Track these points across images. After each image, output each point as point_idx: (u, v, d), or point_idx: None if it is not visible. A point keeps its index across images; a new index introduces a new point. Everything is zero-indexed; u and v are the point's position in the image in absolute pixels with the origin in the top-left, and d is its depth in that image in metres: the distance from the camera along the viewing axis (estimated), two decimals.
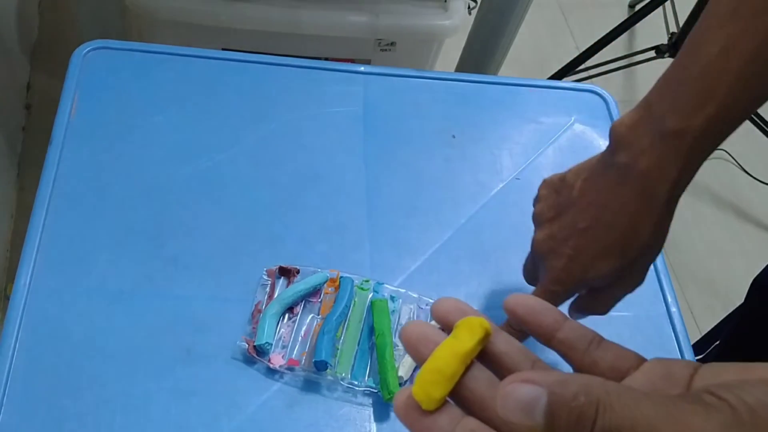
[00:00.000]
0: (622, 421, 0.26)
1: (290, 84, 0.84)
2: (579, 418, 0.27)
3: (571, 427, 0.27)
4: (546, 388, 0.27)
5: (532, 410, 0.27)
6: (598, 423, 0.26)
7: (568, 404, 0.27)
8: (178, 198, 0.73)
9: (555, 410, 0.27)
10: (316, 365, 0.63)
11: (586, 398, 0.27)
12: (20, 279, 0.65)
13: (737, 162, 1.88)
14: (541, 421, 0.27)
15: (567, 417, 0.27)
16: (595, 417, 0.26)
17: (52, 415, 0.59)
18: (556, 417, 0.27)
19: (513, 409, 0.28)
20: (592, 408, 0.27)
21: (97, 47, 0.83)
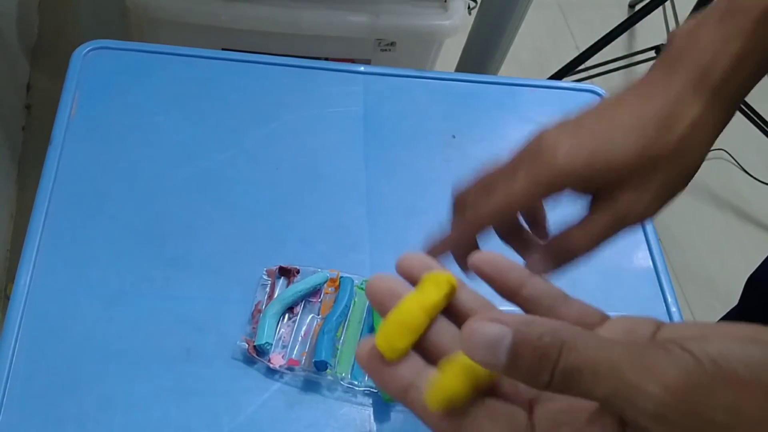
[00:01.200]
0: (584, 362, 0.26)
1: (290, 84, 0.84)
2: (542, 358, 0.27)
3: (533, 367, 0.27)
4: (512, 327, 0.27)
5: (495, 348, 0.27)
6: (560, 363, 0.26)
7: (532, 343, 0.27)
8: (178, 198, 0.73)
9: (519, 349, 0.27)
10: (316, 365, 0.63)
11: (551, 339, 0.27)
12: (20, 279, 0.65)
13: (737, 162, 1.89)
14: (503, 360, 0.27)
15: (530, 356, 0.27)
16: (558, 357, 0.26)
17: (52, 415, 0.59)
18: (519, 356, 0.27)
19: (476, 347, 0.28)
20: (556, 349, 0.27)
21: (97, 47, 0.83)
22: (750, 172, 1.86)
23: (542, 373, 0.27)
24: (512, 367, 0.27)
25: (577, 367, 0.26)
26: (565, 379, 0.26)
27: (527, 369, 0.27)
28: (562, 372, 0.26)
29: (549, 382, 0.27)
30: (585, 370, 0.26)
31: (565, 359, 0.26)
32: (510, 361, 0.27)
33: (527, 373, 0.27)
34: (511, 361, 0.27)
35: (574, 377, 0.26)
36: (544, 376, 0.27)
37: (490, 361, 0.27)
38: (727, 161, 1.90)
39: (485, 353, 0.27)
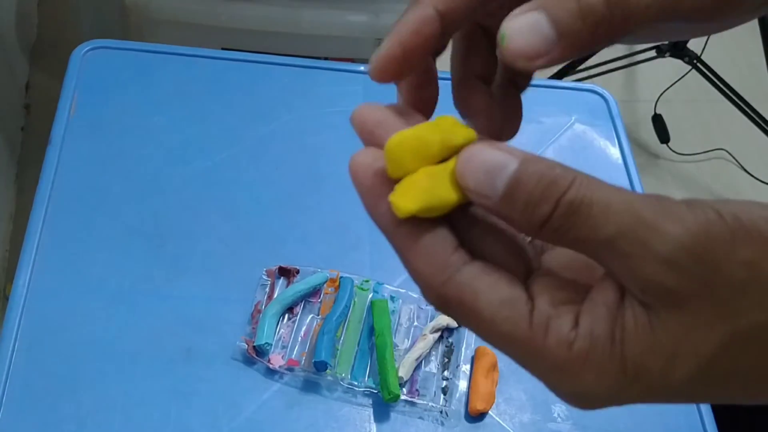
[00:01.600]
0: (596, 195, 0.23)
1: (290, 84, 0.84)
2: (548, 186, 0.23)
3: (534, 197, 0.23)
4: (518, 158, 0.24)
5: (494, 175, 0.24)
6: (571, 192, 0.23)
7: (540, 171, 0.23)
8: (178, 198, 0.73)
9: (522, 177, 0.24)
10: (315, 365, 0.63)
11: (562, 170, 0.24)
12: (20, 279, 0.65)
13: (737, 162, 1.88)
14: (500, 190, 0.24)
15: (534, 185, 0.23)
16: (567, 188, 0.23)
17: (52, 415, 0.59)
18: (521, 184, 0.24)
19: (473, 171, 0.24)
20: (567, 180, 0.23)
21: (97, 47, 0.83)
22: (750, 172, 1.86)
23: (544, 203, 0.23)
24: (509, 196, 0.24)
25: (588, 199, 0.23)
26: (569, 212, 0.23)
27: (526, 198, 0.23)
28: (568, 203, 0.23)
29: (549, 216, 0.23)
30: (596, 204, 0.23)
31: (576, 190, 0.23)
32: (508, 190, 0.24)
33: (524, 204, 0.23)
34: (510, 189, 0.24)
35: (581, 210, 0.23)
36: (545, 207, 0.23)
37: (484, 189, 0.24)
38: (727, 161, 1.90)
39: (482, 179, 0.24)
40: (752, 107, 1.71)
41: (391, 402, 0.62)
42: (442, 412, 0.63)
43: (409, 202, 0.26)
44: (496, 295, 0.25)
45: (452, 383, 0.64)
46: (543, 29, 0.25)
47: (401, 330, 0.67)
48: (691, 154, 1.88)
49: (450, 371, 0.65)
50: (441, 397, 0.64)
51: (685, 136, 1.91)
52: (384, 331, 0.64)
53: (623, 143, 0.84)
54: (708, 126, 1.97)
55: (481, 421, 0.63)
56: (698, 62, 1.69)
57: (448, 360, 0.66)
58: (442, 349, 0.66)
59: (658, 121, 1.87)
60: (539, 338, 0.24)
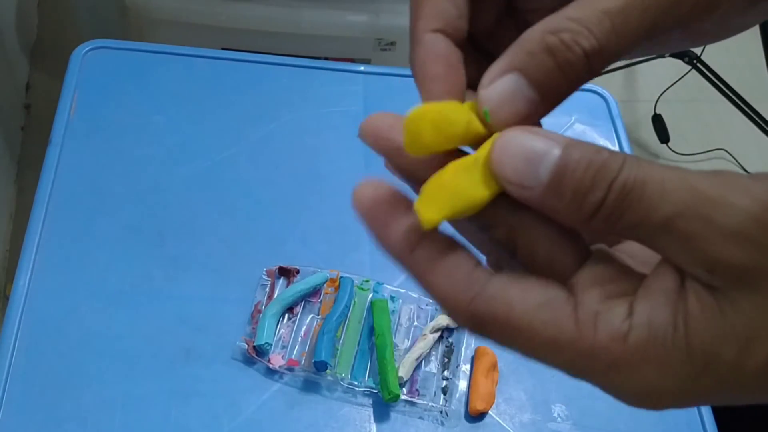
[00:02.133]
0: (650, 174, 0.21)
1: (290, 84, 0.84)
2: (599, 170, 0.21)
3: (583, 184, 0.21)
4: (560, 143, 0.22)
5: (536, 163, 0.22)
6: (623, 174, 0.21)
7: (587, 156, 0.21)
8: (178, 198, 0.73)
9: (570, 162, 0.21)
10: (315, 365, 0.63)
11: (611, 153, 0.21)
12: (20, 279, 0.65)
13: (737, 162, 1.88)
14: (545, 177, 0.22)
15: (583, 170, 0.21)
16: (619, 171, 0.21)
17: (52, 415, 0.59)
18: (568, 171, 0.21)
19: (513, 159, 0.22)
20: (617, 162, 0.21)
21: (97, 47, 0.83)
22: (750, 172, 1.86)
23: (596, 189, 0.21)
24: (555, 185, 0.21)
25: (641, 179, 0.21)
26: (623, 194, 0.21)
27: (576, 186, 0.21)
28: (621, 186, 0.21)
29: (601, 201, 0.21)
30: (650, 183, 0.21)
31: (628, 171, 0.21)
32: (554, 178, 0.21)
33: (574, 192, 0.21)
34: (556, 177, 0.21)
35: (634, 192, 0.21)
36: (597, 192, 0.21)
37: (526, 179, 0.22)
38: (727, 161, 1.90)
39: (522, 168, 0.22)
40: (752, 107, 1.71)
41: (391, 402, 0.62)
42: (442, 412, 0.63)
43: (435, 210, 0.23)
44: (531, 299, 0.23)
45: (452, 383, 0.65)
46: (524, 94, 0.23)
47: (401, 330, 0.67)
48: (691, 154, 1.88)
49: (450, 371, 0.65)
50: (441, 397, 0.64)
51: (685, 136, 1.91)
52: (384, 331, 0.64)
53: (623, 143, 0.84)
54: (708, 126, 1.97)
55: (481, 421, 0.63)
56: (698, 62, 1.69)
57: (448, 360, 0.66)
58: (442, 349, 0.66)
59: (658, 121, 1.88)
60: (588, 336, 0.22)
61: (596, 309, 0.22)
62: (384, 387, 0.62)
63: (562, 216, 0.22)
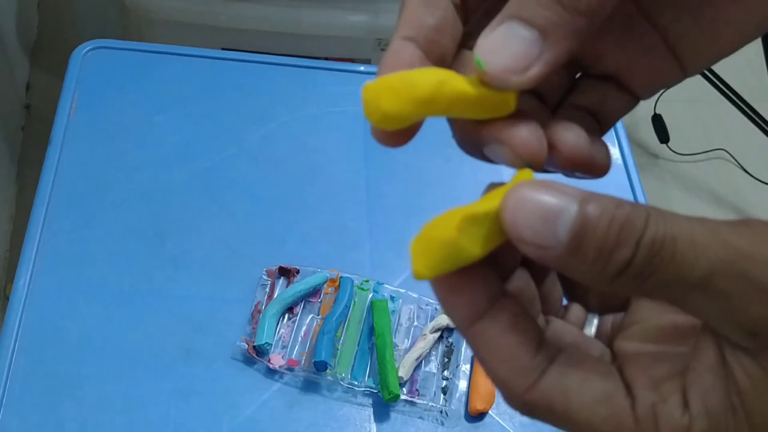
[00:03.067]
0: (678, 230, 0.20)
1: (290, 84, 0.84)
2: (624, 227, 0.20)
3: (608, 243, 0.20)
4: (577, 198, 0.20)
5: (554, 222, 0.20)
6: (651, 230, 0.20)
7: (609, 211, 0.20)
8: (178, 198, 0.73)
9: (590, 220, 0.20)
10: (315, 365, 0.63)
11: (632, 207, 0.20)
12: (20, 279, 0.65)
13: (737, 162, 1.88)
14: (564, 237, 0.20)
15: (606, 227, 0.20)
16: (647, 224, 0.20)
17: (52, 415, 0.59)
18: (589, 230, 0.20)
19: (528, 218, 0.20)
20: (641, 217, 0.20)
21: (97, 47, 0.83)
22: (750, 172, 1.86)
23: (622, 247, 0.19)
24: (576, 245, 0.20)
25: (671, 235, 0.19)
26: (654, 252, 0.19)
27: (599, 245, 0.20)
28: (651, 242, 0.19)
29: (629, 260, 0.20)
30: (680, 239, 0.19)
31: (656, 227, 0.20)
32: (575, 237, 0.20)
33: (597, 252, 0.20)
34: (577, 236, 0.20)
35: (664, 249, 0.19)
36: (624, 250, 0.19)
37: (544, 240, 0.20)
38: (727, 161, 1.90)
39: (539, 228, 0.20)
40: (752, 107, 1.71)
41: (391, 402, 0.62)
42: (442, 412, 0.63)
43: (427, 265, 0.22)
44: (589, 393, 0.22)
45: (452, 383, 0.65)
46: (520, 33, 0.22)
47: (401, 330, 0.67)
48: (691, 154, 1.88)
49: (450, 371, 0.65)
50: (441, 397, 0.64)
51: (684, 136, 1.91)
52: (384, 331, 0.64)
53: (623, 143, 0.84)
54: (708, 126, 1.97)
55: (481, 421, 0.63)
56: None
57: (448, 360, 0.66)
58: (442, 349, 0.66)
59: (657, 121, 1.87)
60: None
61: (652, 401, 0.21)
62: (384, 387, 0.62)
63: (584, 275, 0.21)
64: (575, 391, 0.22)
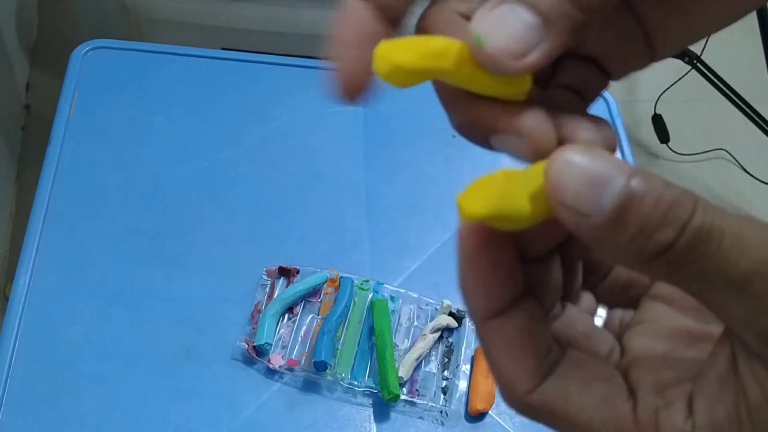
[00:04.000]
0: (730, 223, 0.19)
1: (290, 84, 0.84)
2: (671, 208, 0.19)
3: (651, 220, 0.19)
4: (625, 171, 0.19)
5: (600, 190, 0.19)
6: (699, 216, 0.19)
7: (658, 189, 0.19)
8: (178, 198, 0.73)
9: (637, 194, 0.19)
10: (315, 365, 0.63)
11: (681, 191, 0.19)
12: (20, 279, 0.65)
13: (737, 162, 1.88)
14: (608, 207, 0.19)
15: (653, 205, 0.19)
16: (695, 210, 0.19)
17: (52, 415, 0.59)
18: (635, 203, 0.19)
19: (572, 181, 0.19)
20: (690, 202, 0.19)
21: (97, 47, 0.83)
22: (750, 172, 1.86)
23: (666, 227, 0.19)
24: (619, 217, 0.19)
25: (719, 226, 0.19)
26: (698, 239, 0.19)
27: (642, 221, 0.19)
28: (696, 229, 0.19)
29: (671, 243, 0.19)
30: (728, 233, 0.19)
31: (704, 215, 0.19)
32: (619, 209, 0.19)
33: (639, 228, 0.19)
34: (621, 208, 0.19)
35: (711, 239, 0.19)
36: (667, 231, 0.19)
37: (585, 206, 0.19)
38: (727, 161, 1.90)
39: (584, 193, 0.19)
40: (752, 107, 1.71)
41: (391, 402, 0.62)
42: (442, 412, 0.63)
43: (478, 204, 0.21)
44: (590, 396, 0.21)
45: (452, 383, 0.64)
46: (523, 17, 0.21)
47: (401, 330, 0.67)
48: (691, 154, 1.88)
49: (450, 371, 0.65)
50: (441, 397, 0.64)
51: (685, 136, 1.91)
52: (384, 331, 0.64)
53: (623, 143, 0.84)
54: (708, 126, 1.97)
55: (481, 421, 0.63)
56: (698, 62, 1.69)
57: (448, 360, 0.66)
58: (442, 349, 0.66)
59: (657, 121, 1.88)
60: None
61: (655, 406, 0.21)
62: (384, 387, 0.62)
63: (620, 252, 0.20)
64: (576, 394, 0.22)
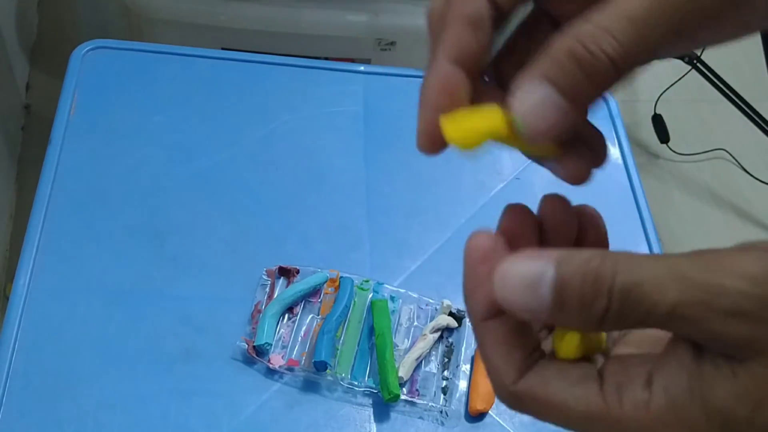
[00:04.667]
0: (644, 275, 0.23)
1: (290, 84, 0.84)
2: (594, 281, 0.23)
3: (585, 296, 0.23)
4: (552, 260, 0.23)
5: (536, 286, 0.23)
6: (618, 280, 0.23)
7: (581, 269, 0.23)
8: (178, 198, 0.73)
9: (566, 280, 0.23)
10: (315, 365, 0.63)
11: (600, 260, 0.23)
12: (20, 279, 0.65)
13: (737, 162, 1.88)
14: (548, 298, 0.23)
15: (581, 284, 0.23)
16: (614, 277, 0.23)
17: (52, 415, 0.59)
18: (567, 287, 0.23)
19: (514, 288, 0.24)
20: (608, 269, 0.23)
21: (97, 47, 0.83)
22: (750, 172, 1.86)
23: (598, 298, 0.23)
24: (560, 303, 0.23)
25: (638, 280, 0.23)
26: (624, 298, 0.23)
27: (579, 300, 0.23)
28: (620, 291, 0.23)
29: (606, 308, 0.23)
30: (647, 282, 0.22)
31: (623, 276, 0.23)
32: (556, 297, 0.23)
33: (579, 306, 0.23)
34: (558, 295, 0.23)
35: (633, 294, 0.23)
36: (600, 301, 0.23)
37: (531, 303, 0.23)
38: (727, 161, 1.90)
39: (525, 295, 0.23)
40: (752, 107, 1.71)
41: (391, 402, 0.62)
42: (442, 412, 0.63)
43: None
44: (565, 378, 0.25)
45: (452, 383, 0.64)
46: (555, 102, 0.25)
47: (401, 330, 0.67)
48: (691, 154, 1.88)
49: (450, 371, 0.65)
50: (441, 397, 0.64)
51: (685, 136, 1.91)
52: (384, 331, 0.64)
53: (623, 143, 0.84)
54: (708, 126, 1.97)
55: (481, 421, 0.63)
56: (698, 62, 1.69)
57: (448, 360, 0.66)
58: (442, 349, 0.66)
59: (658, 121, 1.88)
60: (615, 407, 0.24)
61: (619, 381, 0.24)
62: (384, 387, 0.62)
63: (573, 324, 0.24)
64: (554, 379, 0.25)
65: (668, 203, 1.80)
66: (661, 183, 1.84)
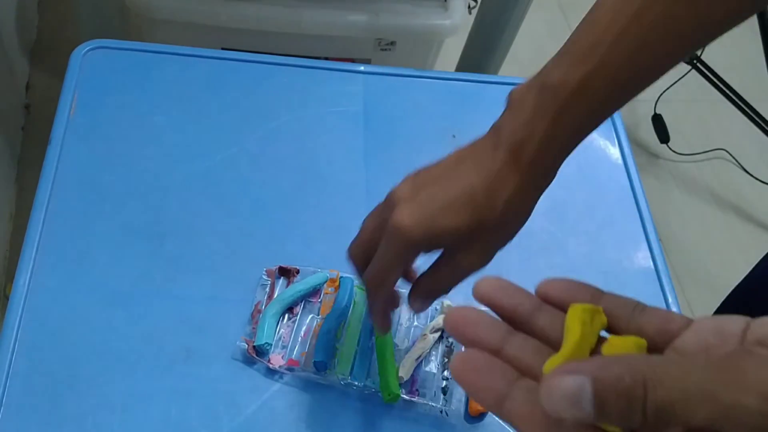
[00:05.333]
0: (673, 394, 0.26)
1: (290, 84, 0.84)
2: (628, 399, 0.26)
3: (623, 411, 0.26)
4: (589, 375, 0.27)
5: (579, 400, 0.26)
6: (650, 401, 0.26)
7: (613, 387, 0.26)
8: (178, 198, 0.73)
9: (603, 396, 0.26)
10: (315, 366, 0.63)
11: (630, 378, 0.26)
12: (20, 279, 0.65)
13: (737, 162, 1.89)
14: (591, 411, 0.26)
15: (616, 400, 0.26)
16: (645, 396, 0.26)
17: (52, 415, 0.59)
18: (605, 402, 0.26)
19: (560, 403, 0.27)
20: (639, 387, 0.26)
21: (97, 47, 0.83)
22: (750, 172, 1.86)
23: (634, 414, 0.26)
24: (602, 414, 0.26)
25: (668, 400, 0.26)
26: (659, 415, 0.26)
27: (618, 413, 0.26)
28: (654, 409, 0.26)
29: (644, 422, 0.26)
30: (677, 403, 0.26)
31: (653, 395, 0.26)
32: (598, 410, 0.26)
33: (619, 417, 0.26)
34: (599, 409, 0.26)
35: (667, 411, 0.26)
36: (636, 416, 0.26)
37: (577, 414, 0.27)
38: (727, 161, 1.90)
39: (571, 408, 0.27)
40: (752, 107, 1.71)
41: (391, 402, 0.62)
42: (442, 412, 0.63)
43: None
44: None
45: (452, 383, 0.64)
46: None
47: (401, 330, 0.67)
48: (691, 154, 1.88)
49: (450, 371, 0.65)
50: (441, 397, 0.64)
51: (685, 136, 1.91)
52: None
53: (623, 143, 0.84)
54: (708, 126, 1.97)
55: (481, 421, 0.63)
56: (698, 62, 1.69)
57: (448, 360, 0.66)
58: (442, 349, 0.66)
59: (657, 121, 1.88)
60: None
61: None
62: (384, 387, 0.62)
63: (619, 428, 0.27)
64: None
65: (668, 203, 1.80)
66: (661, 183, 1.84)
